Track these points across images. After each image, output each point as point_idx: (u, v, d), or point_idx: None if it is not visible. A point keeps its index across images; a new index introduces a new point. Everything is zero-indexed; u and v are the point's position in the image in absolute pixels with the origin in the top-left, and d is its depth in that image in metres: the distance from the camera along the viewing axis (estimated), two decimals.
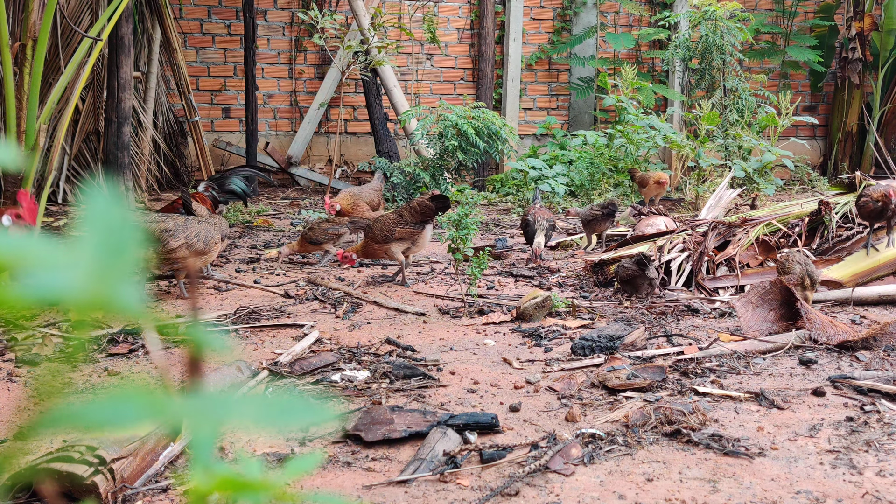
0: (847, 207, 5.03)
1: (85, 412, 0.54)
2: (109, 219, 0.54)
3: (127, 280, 0.52)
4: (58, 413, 0.54)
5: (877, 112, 10.08)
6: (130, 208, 5.28)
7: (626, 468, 2.35)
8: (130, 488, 2.19)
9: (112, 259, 0.52)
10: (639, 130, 7.67)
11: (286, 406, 0.56)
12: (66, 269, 0.52)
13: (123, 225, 0.54)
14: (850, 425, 2.65)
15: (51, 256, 0.52)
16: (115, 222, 0.54)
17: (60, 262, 0.52)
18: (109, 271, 0.52)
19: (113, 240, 0.53)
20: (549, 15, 9.76)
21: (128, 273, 0.52)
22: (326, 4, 8.76)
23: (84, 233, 0.53)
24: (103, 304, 0.51)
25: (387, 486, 2.25)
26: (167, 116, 8.17)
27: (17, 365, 3.24)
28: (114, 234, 0.53)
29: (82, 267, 0.52)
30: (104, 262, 0.52)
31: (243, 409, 0.55)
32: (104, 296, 0.51)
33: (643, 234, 5.05)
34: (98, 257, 0.52)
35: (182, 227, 4.20)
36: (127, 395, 0.54)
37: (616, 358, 3.22)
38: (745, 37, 8.20)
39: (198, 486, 0.57)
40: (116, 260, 0.52)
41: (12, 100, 4.66)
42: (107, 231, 0.53)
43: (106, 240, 0.53)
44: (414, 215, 4.67)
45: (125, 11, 6.16)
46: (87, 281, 0.51)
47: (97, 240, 0.53)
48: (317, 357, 3.28)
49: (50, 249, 0.53)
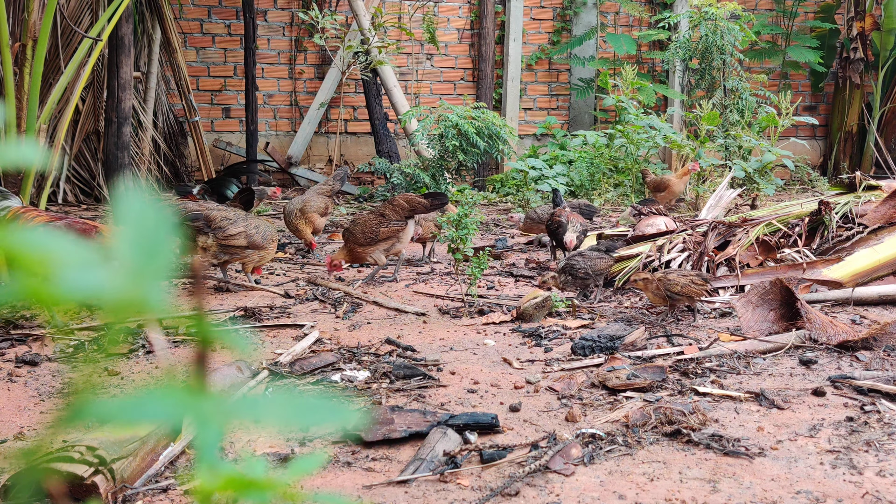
0: (847, 207, 5.03)
1: (114, 409, 0.54)
2: (144, 219, 0.54)
3: (162, 281, 0.52)
4: (88, 408, 0.54)
5: (877, 112, 10.08)
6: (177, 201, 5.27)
7: (626, 468, 2.35)
8: (131, 488, 2.19)
9: (148, 260, 0.52)
10: (639, 130, 7.67)
11: (308, 406, 0.56)
12: (103, 269, 0.52)
13: (158, 226, 0.54)
14: (850, 425, 2.65)
15: (87, 256, 0.52)
16: (150, 223, 0.54)
17: (97, 262, 0.52)
18: (145, 272, 0.52)
19: (148, 240, 0.53)
20: (549, 15, 9.76)
21: (162, 274, 0.52)
22: (326, 4, 8.76)
23: (120, 233, 0.54)
24: (139, 304, 0.51)
25: (387, 486, 2.25)
26: (167, 116, 8.17)
27: (17, 365, 3.24)
28: (149, 235, 0.53)
29: (119, 267, 0.52)
30: (140, 263, 0.52)
31: (267, 409, 0.55)
32: (140, 296, 0.51)
33: (643, 234, 5.05)
34: (134, 258, 0.52)
35: (242, 217, 4.37)
36: (155, 393, 0.55)
37: (616, 358, 3.22)
38: (748, 35, 8.20)
39: (203, 485, 0.57)
40: (152, 261, 0.53)
41: (12, 100, 4.66)
42: (142, 231, 0.53)
43: (141, 240, 0.53)
44: (398, 213, 4.59)
45: (125, 12, 6.16)
46: (123, 281, 0.51)
47: (133, 240, 0.53)
48: (317, 357, 3.28)
49: (86, 249, 0.52)
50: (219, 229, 4.25)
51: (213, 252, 4.30)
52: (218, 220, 4.28)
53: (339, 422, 0.55)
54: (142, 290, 0.51)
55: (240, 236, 4.29)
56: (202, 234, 4.26)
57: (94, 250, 0.52)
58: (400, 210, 4.59)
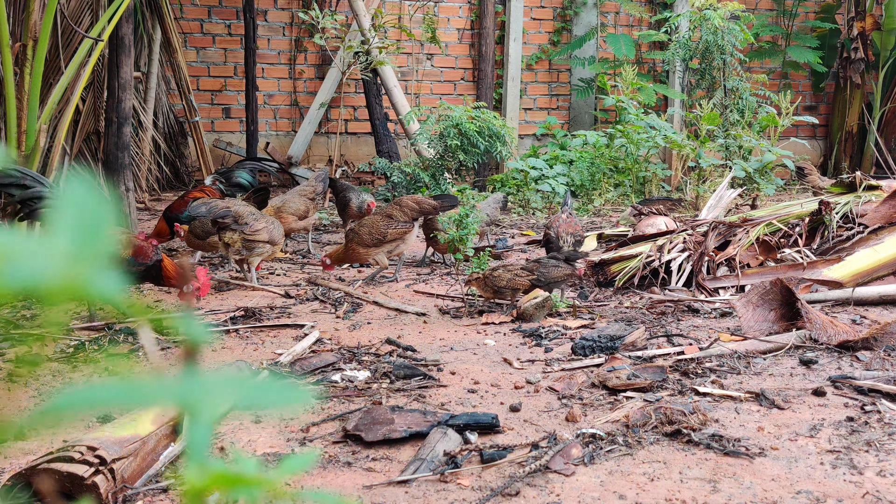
0: (847, 207, 5.03)
1: (90, 395, 0.53)
2: (83, 204, 0.53)
3: (102, 265, 0.51)
4: (69, 397, 0.53)
5: (877, 112, 10.08)
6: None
7: (626, 468, 2.35)
8: (131, 488, 2.19)
9: (86, 244, 0.52)
10: (639, 130, 7.67)
11: (267, 388, 0.56)
12: (40, 257, 0.51)
13: (97, 210, 0.53)
14: (850, 425, 2.65)
15: (25, 246, 0.51)
16: (89, 208, 0.53)
17: (34, 251, 0.51)
18: (84, 257, 0.51)
19: (87, 225, 0.52)
20: (549, 15, 9.76)
21: (102, 258, 0.51)
22: (327, 4, 8.76)
23: (58, 219, 0.53)
24: (77, 290, 0.50)
25: (387, 486, 2.25)
26: (167, 116, 8.17)
27: (17, 365, 3.24)
28: (87, 220, 0.53)
29: (56, 254, 0.51)
30: (78, 248, 0.51)
31: (228, 389, 0.55)
32: (78, 282, 0.50)
33: (643, 234, 5.05)
34: (72, 243, 0.51)
35: (260, 215, 4.58)
36: (128, 380, 0.54)
37: (616, 358, 3.21)
38: (747, 37, 8.20)
39: (193, 481, 0.57)
40: (91, 245, 0.52)
41: (13, 100, 4.66)
42: (80, 217, 0.53)
43: (80, 225, 0.52)
44: (406, 214, 4.58)
45: (126, 12, 6.16)
46: (60, 267, 0.50)
47: (71, 225, 0.52)
48: (317, 357, 3.29)
49: (24, 239, 0.52)
50: (245, 225, 4.46)
51: (237, 248, 4.47)
52: (245, 216, 4.48)
53: (287, 401, 0.56)
54: (80, 274, 0.50)
55: (263, 231, 4.49)
56: (230, 230, 4.45)
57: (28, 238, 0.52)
58: (408, 211, 4.58)
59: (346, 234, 4.65)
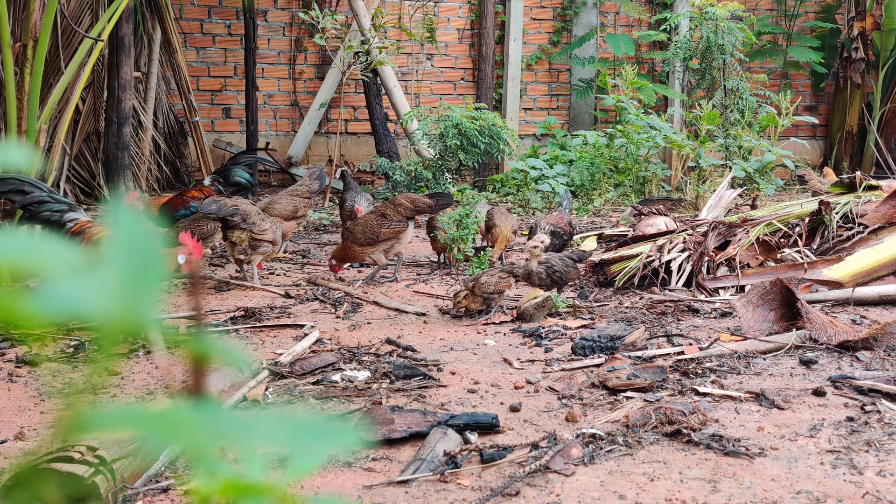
0: (847, 207, 5.03)
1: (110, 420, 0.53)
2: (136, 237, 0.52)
3: (152, 301, 0.50)
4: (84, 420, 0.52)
5: (877, 112, 10.08)
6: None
7: (626, 468, 2.35)
8: (131, 488, 2.19)
9: (139, 278, 0.50)
10: (639, 130, 7.67)
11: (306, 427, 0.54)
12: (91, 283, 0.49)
13: (150, 245, 0.52)
14: (850, 425, 2.65)
15: (72, 266, 0.49)
16: (142, 241, 0.52)
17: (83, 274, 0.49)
18: (136, 290, 0.50)
19: (140, 259, 0.51)
20: (549, 15, 9.76)
21: (153, 294, 0.50)
22: (327, 4, 8.76)
23: (111, 248, 0.52)
24: (131, 324, 0.49)
25: (387, 486, 2.25)
26: (167, 117, 8.17)
27: (17, 365, 3.24)
28: (141, 254, 0.52)
29: (108, 283, 0.49)
30: (132, 281, 0.50)
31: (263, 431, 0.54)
32: (132, 316, 0.49)
33: (643, 234, 5.05)
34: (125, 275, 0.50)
35: (263, 215, 4.65)
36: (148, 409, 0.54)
37: (616, 358, 3.21)
38: (749, 38, 8.20)
39: (200, 488, 0.57)
40: (144, 279, 0.50)
41: (13, 100, 4.66)
42: (134, 249, 0.52)
43: (133, 258, 0.51)
44: (400, 213, 4.57)
45: (125, 12, 6.16)
46: (113, 299, 0.49)
47: (124, 257, 0.51)
48: (317, 357, 3.28)
49: (71, 258, 0.50)
50: (254, 224, 4.50)
51: (243, 247, 4.51)
52: (252, 215, 4.53)
53: (334, 443, 0.54)
54: (135, 306, 0.49)
55: (269, 231, 4.55)
56: (238, 229, 4.48)
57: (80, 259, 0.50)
58: (403, 210, 4.57)
59: (343, 233, 4.69)
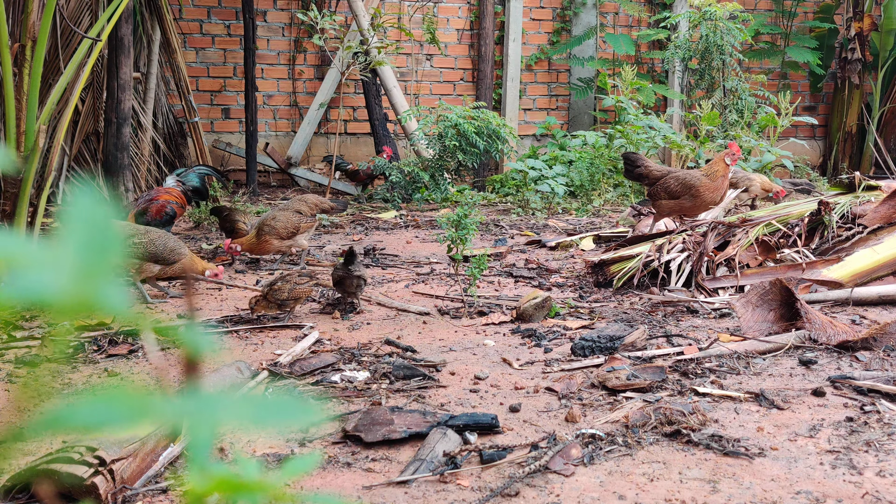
0: (847, 207, 5.03)
1: (79, 413, 0.53)
2: (93, 218, 0.53)
3: (111, 280, 0.51)
4: (54, 414, 0.53)
5: (876, 112, 10.08)
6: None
7: (626, 468, 2.35)
8: (130, 489, 2.19)
9: (95, 259, 0.51)
10: (638, 130, 7.67)
11: (282, 406, 0.55)
12: (49, 270, 0.50)
13: (106, 225, 0.53)
14: (849, 425, 2.65)
15: (32, 256, 0.51)
16: (99, 222, 0.53)
17: (42, 263, 0.51)
18: (93, 272, 0.51)
19: (96, 239, 0.52)
20: (548, 15, 9.76)
21: (111, 273, 0.51)
22: (326, 5, 8.76)
23: (67, 232, 0.52)
24: (86, 305, 0.50)
25: (387, 486, 2.25)
26: (167, 117, 8.17)
27: (16, 366, 3.24)
28: (97, 234, 0.52)
29: (65, 267, 0.51)
30: (87, 263, 0.51)
31: (239, 410, 0.54)
32: (87, 297, 0.50)
33: (643, 234, 5.05)
34: (81, 257, 0.51)
35: None
36: (123, 396, 0.54)
37: (616, 358, 3.21)
38: (745, 37, 8.20)
39: (195, 487, 0.57)
40: (100, 260, 0.51)
41: (12, 101, 4.66)
42: (90, 231, 0.52)
43: (89, 239, 0.52)
44: (312, 209, 5.17)
45: (125, 12, 6.16)
46: (69, 281, 0.50)
47: (80, 239, 0.52)
48: (317, 358, 3.28)
49: (31, 249, 0.51)
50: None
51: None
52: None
53: (315, 420, 0.55)
54: (91, 290, 0.50)
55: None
56: None
57: (38, 249, 0.51)
58: (312, 208, 5.18)
59: (260, 228, 4.96)
